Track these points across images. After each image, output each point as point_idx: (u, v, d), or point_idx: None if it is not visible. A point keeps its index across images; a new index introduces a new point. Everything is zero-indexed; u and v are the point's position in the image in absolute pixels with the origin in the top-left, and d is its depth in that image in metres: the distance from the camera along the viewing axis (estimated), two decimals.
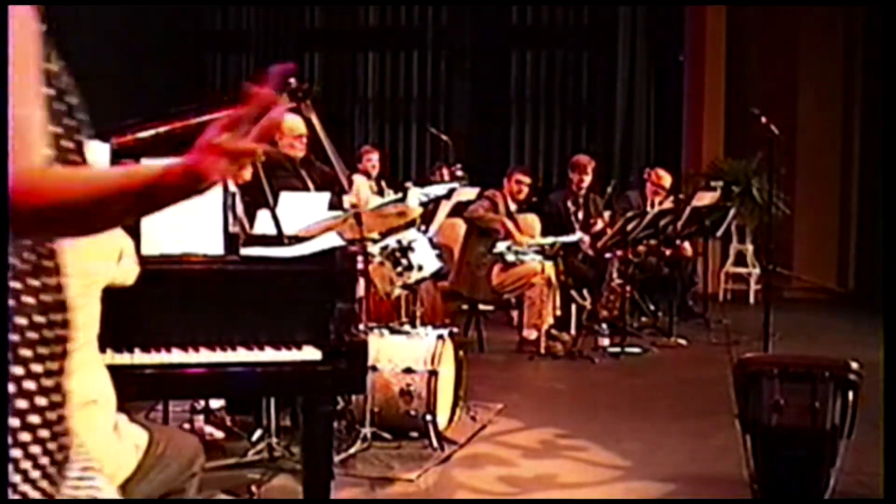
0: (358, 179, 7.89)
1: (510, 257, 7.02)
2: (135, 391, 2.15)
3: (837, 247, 10.58)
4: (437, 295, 6.69)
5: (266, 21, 12.18)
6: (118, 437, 2.18)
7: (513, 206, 7.43)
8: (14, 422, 1.20)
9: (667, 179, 8.43)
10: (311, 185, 5.75)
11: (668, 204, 8.05)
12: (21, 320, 1.24)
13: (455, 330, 5.15)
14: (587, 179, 7.94)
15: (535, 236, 7.41)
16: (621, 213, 7.83)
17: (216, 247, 3.05)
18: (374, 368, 4.59)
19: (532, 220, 7.66)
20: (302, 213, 4.45)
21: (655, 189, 8.37)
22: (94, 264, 2.17)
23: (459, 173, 8.77)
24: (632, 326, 7.69)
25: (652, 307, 8.21)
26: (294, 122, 5.69)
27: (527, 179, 7.49)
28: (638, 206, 8.27)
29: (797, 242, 10.36)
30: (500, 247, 7.02)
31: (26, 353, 1.24)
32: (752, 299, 10.07)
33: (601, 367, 6.75)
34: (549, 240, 7.23)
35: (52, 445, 1.25)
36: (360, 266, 4.40)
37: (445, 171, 9.10)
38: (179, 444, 2.38)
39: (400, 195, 5.94)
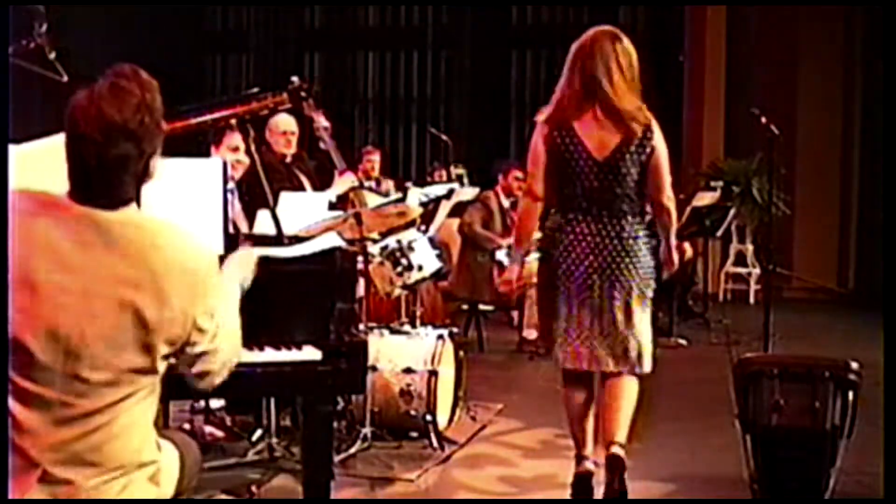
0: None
1: (508, 262, 7.03)
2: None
3: (837, 247, 10.58)
4: (437, 295, 6.69)
5: (266, 21, 12.19)
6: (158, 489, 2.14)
7: (507, 203, 7.44)
8: None
9: None
10: (306, 183, 5.75)
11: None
12: None
13: (455, 330, 5.15)
14: None
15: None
16: None
17: (216, 247, 3.05)
18: (374, 368, 4.59)
19: None
20: (302, 213, 4.45)
21: None
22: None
23: (460, 171, 8.75)
24: None
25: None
26: (277, 121, 5.70)
27: (520, 174, 7.52)
28: None
29: (797, 242, 10.36)
30: (500, 255, 7.03)
31: None
32: (752, 299, 10.07)
33: None
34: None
35: None
36: (360, 266, 4.40)
37: (443, 172, 9.10)
38: (192, 452, 2.37)
39: (400, 195, 5.94)
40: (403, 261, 4.93)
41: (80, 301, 1.94)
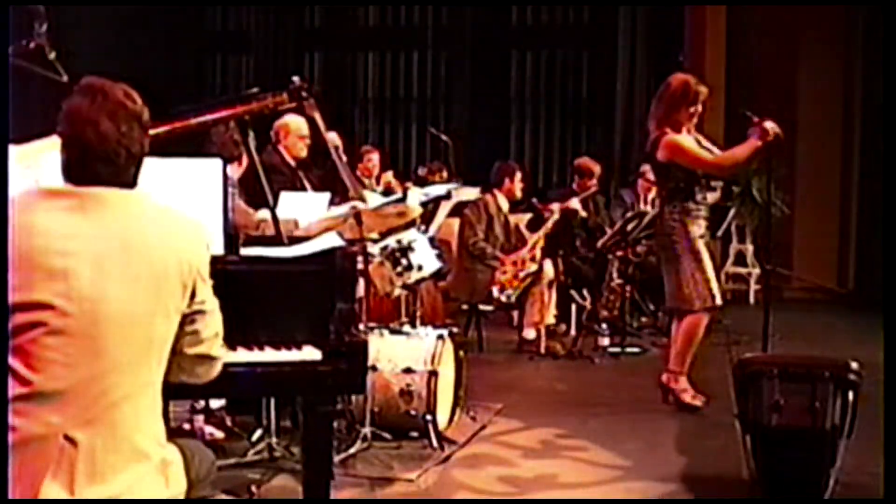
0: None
1: (504, 299, 7.07)
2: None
3: (837, 247, 10.57)
4: (438, 295, 6.69)
5: (266, 21, 12.17)
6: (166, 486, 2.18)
7: (506, 206, 7.42)
8: None
9: (648, 170, 8.46)
10: (308, 187, 5.75)
11: None
12: None
13: (455, 330, 5.15)
14: (592, 184, 7.97)
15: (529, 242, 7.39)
16: (621, 214, 7.93)
17: (216, 247, 3.05)
18: (374, 368, 4.58)
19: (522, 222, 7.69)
20: (302, 212, 4.45)
21: (648, 186, 8.43)
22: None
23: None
24: (632, 326, 7.69)
25: (652, 307, 8.21)
26: (298, 123, 5.69)
27: (520, 176, 7.52)
28: (632, 203, 8.34)
29: (797, 242, 10.35)
30: (496, 292, 7.06)
31: None
32: (752, 299, 10.07)
33: (601, 367, 6.75)
34: (534, 268, 7.13)
35: None
36: (360, 266, 4.39)
37: (443, 173, 9.08)
38: (203, 460, 2.38)
39: (400, 195, 5.94)
40: (403, 261, 4.93)
41: (93, 264, 2.04)
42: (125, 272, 2.07)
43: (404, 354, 4.70)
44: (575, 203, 7.52)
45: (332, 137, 5.63)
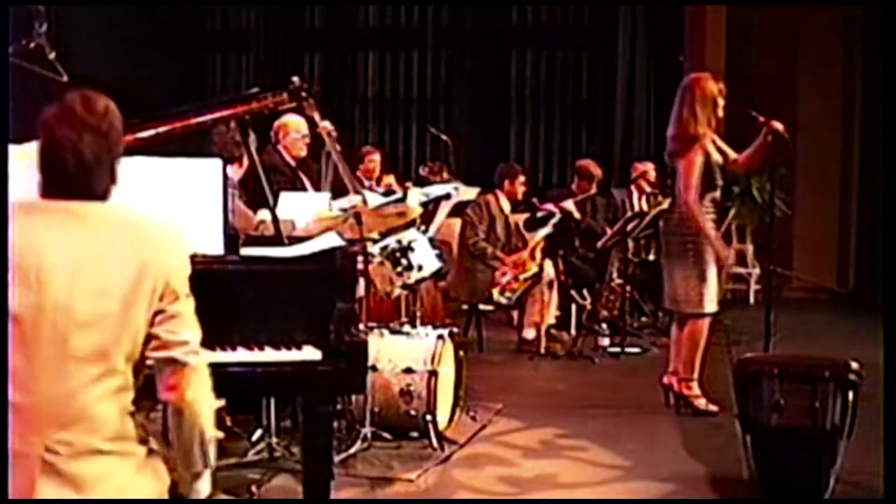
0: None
1: (504, 301, 7.06)
2: (135, 391, 2.16)
3: (837, 247, 10.57)
4: (438, 295, 6.68)
5: (266, 21, 12.17)
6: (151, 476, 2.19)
7: (508, 208, 7.41)
8: None
9: (650, 169, 8.49)
10: (309, 186, 5.76)
11: (665, 204, 8.06)
12: None
13: (455, 330, 5.15)
14: (592, 187, 7.98)
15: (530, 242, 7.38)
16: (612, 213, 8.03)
17: (216, 247, 3.05)
18: (374, 368, 4.58)
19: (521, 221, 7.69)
20: (302, 212, 4.46)
21: (641, 186, 8.48)
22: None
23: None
24: (632, 326, 7.69)
25: (652, 307, 8.21)
26: (298, 123, 5.69)
27: (523, 178, 7.51)
28: (622, 200, 8.36)
29: (797, 242, 10.35)
30: (496, 294, 7.06)
31: None
32: (752, 299, 10.07)
33: (601, 367, 6.75)
34: (534, 270, 7.11)
35: None
36: (360, 266, 4.39)
37: (442, 173, 9.09)
38: None
39: (400, 195, 5.94)
40: (403, 261, 4.93)
41: (66, 278, 2.06)
42: (97, 285, 2.08)
43: (404, 354, 4.70)
44: (570, 205, 7.51)
45: (327, 125, 5.62)
